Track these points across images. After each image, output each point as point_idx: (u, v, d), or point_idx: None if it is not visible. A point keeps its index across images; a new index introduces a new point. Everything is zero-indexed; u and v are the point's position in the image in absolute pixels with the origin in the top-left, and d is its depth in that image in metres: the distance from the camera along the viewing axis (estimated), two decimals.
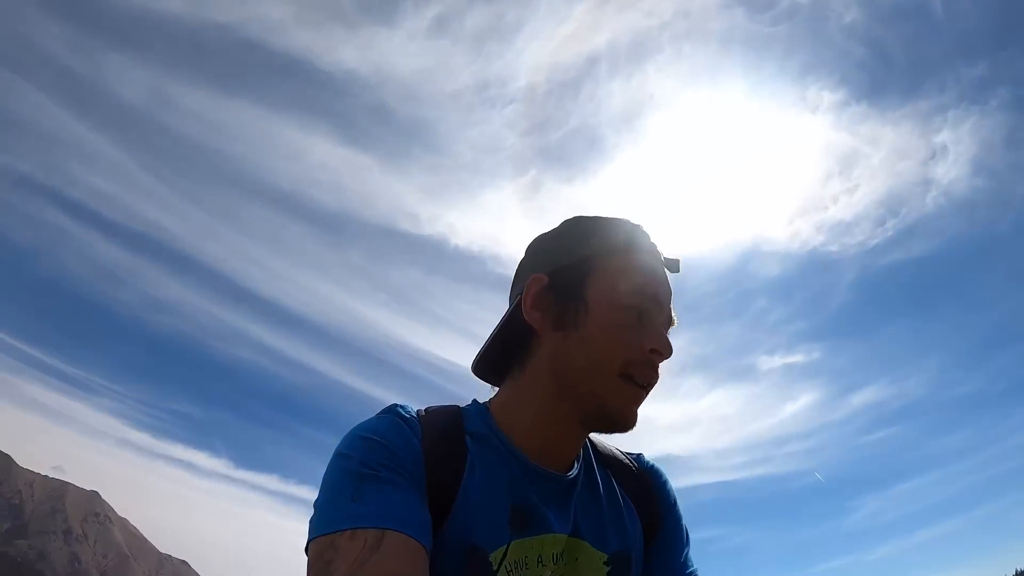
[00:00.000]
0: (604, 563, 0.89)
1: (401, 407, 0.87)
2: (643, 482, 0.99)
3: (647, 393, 0.88)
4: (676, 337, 0.90)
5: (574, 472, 0.92)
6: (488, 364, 0.99)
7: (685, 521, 1.01)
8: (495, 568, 0.80)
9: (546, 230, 0.97)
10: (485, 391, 1.00)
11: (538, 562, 0.83)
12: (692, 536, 0.99)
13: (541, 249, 0.96)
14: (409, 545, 0.72)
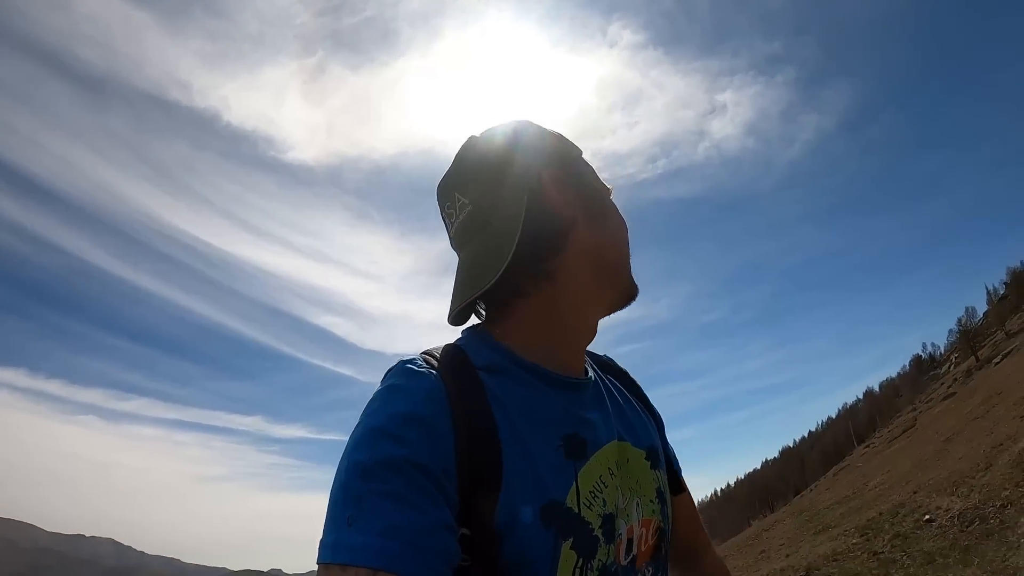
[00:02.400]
0: (644, 459, 0.87)
1: (414, 366, 0.74)
2: (630, 380, 0.99)
3: None
4: None
5: (591, 375, 0.88)
6: (487, 298, 0.85)
7: None
8: (578, 510, 0.73)
9: (480, 133, 0.85)
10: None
11: (610, 474, 0.78)
12: None
13: (525, 146, 0.83)
14: None
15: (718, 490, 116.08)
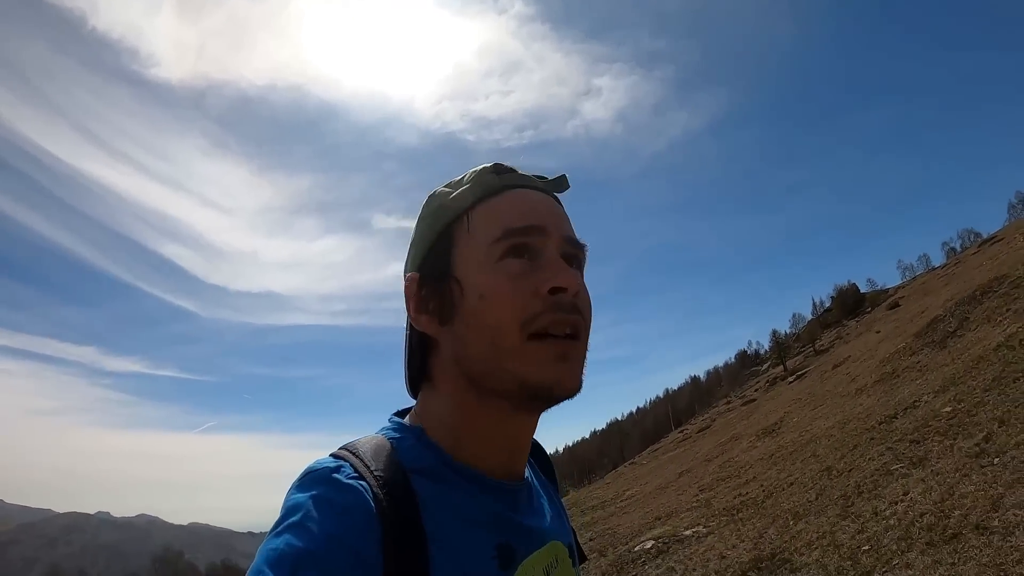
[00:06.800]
0: (568, 556, 0.84)
1: (342, 476, 0.66)
2: (545, 460, 0.95)
3: (578, 340, 0.71)
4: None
5: (527, 474, 0.84)
6: (410, 377, 0.84)
7: None
8: None
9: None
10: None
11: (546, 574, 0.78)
12: (296, 373, 1.19)
13: (410, 246, 0.84)
14: None
15: None
